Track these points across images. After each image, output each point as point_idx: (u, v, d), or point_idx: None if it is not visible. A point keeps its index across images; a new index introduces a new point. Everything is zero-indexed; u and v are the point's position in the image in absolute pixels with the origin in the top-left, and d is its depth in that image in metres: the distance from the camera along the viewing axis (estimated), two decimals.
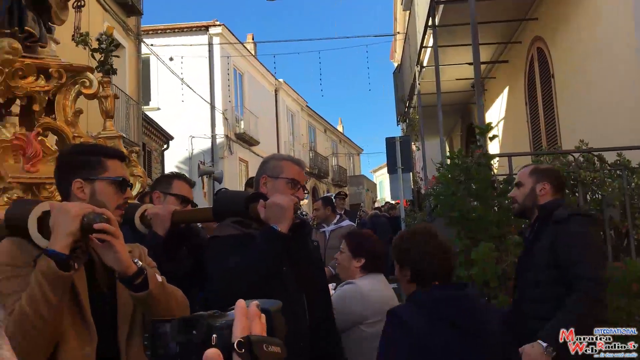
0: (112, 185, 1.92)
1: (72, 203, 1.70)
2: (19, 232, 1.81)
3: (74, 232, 1.61)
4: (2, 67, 2.77)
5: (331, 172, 35.31)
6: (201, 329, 0.87)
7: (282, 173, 2.45)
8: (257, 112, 24.31)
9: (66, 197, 1.90)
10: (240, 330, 0.85)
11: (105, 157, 1.96)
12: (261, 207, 2.25)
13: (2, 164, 2.71)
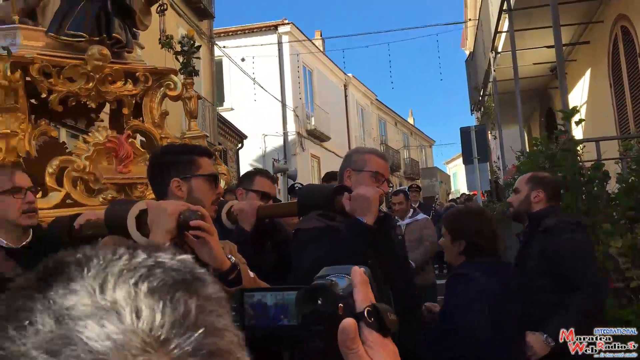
0: (207, 182, 1.99)
1: (168, 201, 1.75)
2: (118, 230, 1.89)
3: (171, 229, 1.66)
4: (92, 73, 2.91)
5: (403, 166, 34.93)
6: (328, 298, 0.83)
7: (366, 166, 2.44)
8: (327, 107, 24.39)
9: (163, 196, 1.97)
10: (363, 299, 0.81)
11: (197, 155, 2.03)
12: (346, 199, 2.24)
13: (97, 166, 2.85)
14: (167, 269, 0.46)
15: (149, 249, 0.48)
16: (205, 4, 14.78)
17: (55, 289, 0.43)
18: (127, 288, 0.43)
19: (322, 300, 0.83)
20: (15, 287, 0.46)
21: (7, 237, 2.26)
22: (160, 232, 1.67)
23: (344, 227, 2.19)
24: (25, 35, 2.88)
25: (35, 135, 2.80)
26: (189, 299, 0.44)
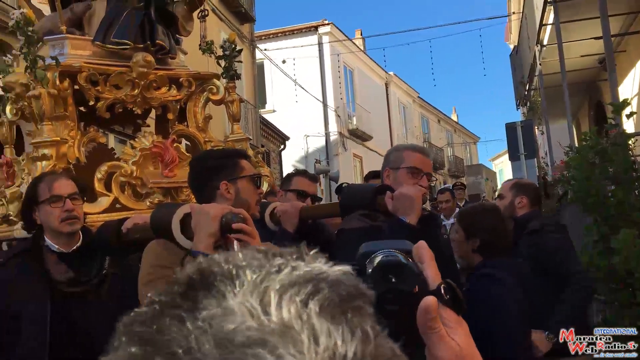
0: (251, 183, 2.05)
1: (211, 205, 1.79)
2: (164, 234, 1.93)
3: (214, 232, 1.69)
4: (138, 80, 2.98)
5: (447, 163, 34.49)
6: (404, 275, 0.78)
7: (402, 162, 2.40)
8: (369, 107, 24.30)
9: (208, 200, 2.01)
10: (435, 275, 0.77)
11: (239, 158, 2.08)
12: (388, 198, 2.22)
13: (144, 170, 2.91)
14: (332, 283, 0.39)
15: (301, 255, 0.42)
16: (246, 8, 14.96)
17: (205, 306, 0.37)
18: (295, 307, 0.37)
19: (397, 278, 0.78)
20: (157, 304, 0.40)
21: (57, 242, 2.34)
22: (203, 235, 1.71)
23: (387, 227, 2.17)
24: (72, 44, 2.96)
25: (84, 142, 2.88)
26: (361, 320, 0.38)
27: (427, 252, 0.80)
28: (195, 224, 1.75)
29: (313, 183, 3.30)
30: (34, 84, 2.71)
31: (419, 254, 0.80)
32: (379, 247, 0.90)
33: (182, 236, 1.86)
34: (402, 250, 0.90)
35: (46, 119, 2.70)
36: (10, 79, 2.87)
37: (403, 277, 0.78)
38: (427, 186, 2.37)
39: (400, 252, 0.88)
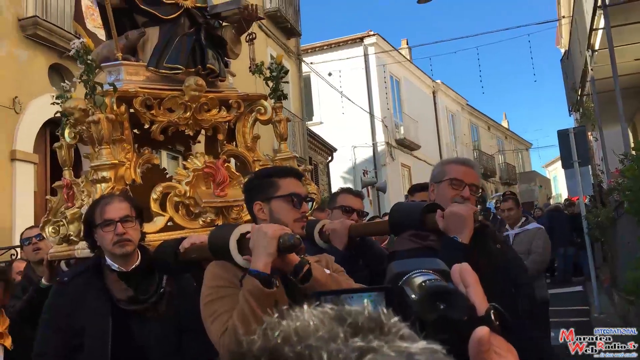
0: (286, 202, 2.05)
1: (268, 225, 1.82)
2: (221, 254, 1.99)
3: (272, 252, 1.73)
4: (190, 103, 3.08)
5: (498, 171, 33.80)
6: (453, 302, 0.74)
7: (444, 176, 2.40)
8: (416, 116, 24.14)
9: (254, 219, 2.07)
10: (482, 300, 0.74)
11: (277, 177, 2.11)
12: (439, 217, 2.21)
13: (196, 190, 2.99)
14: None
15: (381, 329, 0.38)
16: (292, 23, 15.15)
17: None
18: None
19: (446, 305, 0.75)
20: None
21: (116, 262, 2.43)
22: (261, 254, 1.74)
23: (440, 247, 2.16)
24: (127, 70, 3.09)
25: (140, 163, 2.99)
26: None
27: (471, 275, 0.78)
28: (254, 243, 1.78)
29: (358, 198, 3.32)
30: (93, 109, 2.83)
31: (463, 278, 0.77)
32: (412, 267, 0.88)
33: (239, 256, 1.91)
34: (435, 270, 0.88)
35: (104, 142, 2.82)
36: (70, 105, 3.00)
37: (452, 305, 0.75)
38: (469, 197, 2.35)
39: (435, 272, 0.86)
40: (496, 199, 20.63)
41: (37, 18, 7.43)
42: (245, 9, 3.28)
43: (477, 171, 2.52)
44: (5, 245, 6.60)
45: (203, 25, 3.27)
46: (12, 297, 3.33)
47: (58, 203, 3.06)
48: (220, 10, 3.35)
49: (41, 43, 7.60)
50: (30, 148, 7.36)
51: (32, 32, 7.43)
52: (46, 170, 7.83)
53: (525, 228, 5.53)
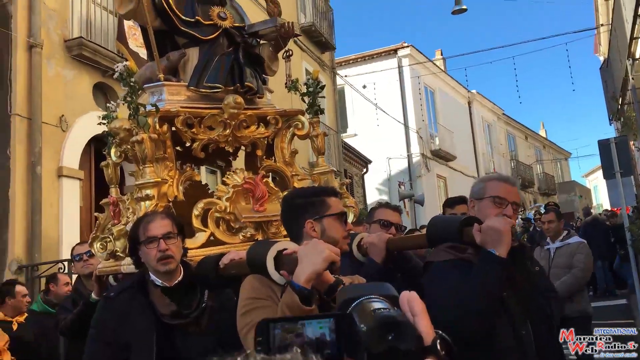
0: (337, 220, 2.10)
1: (325, 244, 1.80)
2: (259, 270, 2.03)
3: (319, 271, 1.73)
4: (229, 120, 3.15)
5: (537, 181, 33.18)
6: (402, 333, 0.74)
7: (486, 193, 2.39)
8: (451, 126, 23.95)
9: (297, 238, 2.10)
10: (428, 329, 0.73)
11: (326, 196, 2.16)
12: (476, 231, 2.21)
13: (236, 206, 3.06)
14: None
15: None
16: (327, 37, 15.27)
17: None
18: None
19: (396, 336, 0.75)
20: None
21: (160, 278, 2.50)
22: (309, 271, 1.73)
23: (477, 261, 2.17)
24: (169, 90, 3.18)
25: (182, 180, 3.08)
26: None
27: (418, 303, 0.77)
28: (303, 256, 1.78)
29: (396, 213, 3.34)
30: (137, 129, 2.93)
31: (410, 306, 0.77)
32: (363, 292, 0.88)
33: (276, 272, 1.95)
34: (386, 296, 0.87)
35: (148, 161, 2.91)
36: (115, 125, 3.11)
37: (401, 335, 0.75)
38: (511, 215, 2.34)
39: (385, 298, 0.85)
40: (535, 209, 20.23)
41: (82, 39, 7.70)
42: (282, 27, 3.36)
43: (518, 188, 2.52)
44: (53, 258, 6.82)
45: (241, 44, 3.36)
46: (63, 311, 3.45)
47: (105, 220, 3.17)
48: (257, 29, 3.43)
49: (86, 63, 7.87)
50: (76, 164, 7.60)
51: (78, 52, 7.71)
52: (91, 186, 8.08)
53: (566, 242, 5.42)
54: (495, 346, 2.14)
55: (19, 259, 6.74)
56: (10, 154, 6.92)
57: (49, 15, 7.56)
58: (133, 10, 3.14)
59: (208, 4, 3.34)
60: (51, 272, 5.92)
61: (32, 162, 7.01)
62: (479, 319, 2.09)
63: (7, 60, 7.12)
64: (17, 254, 6.75)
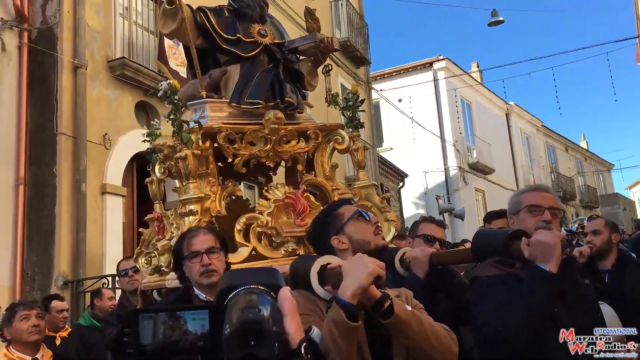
0: (356, 221, 2.09)
1: (370, 259, 1.77)
2: (302, 285, 2.02)
3: (365, 286, 1.68)
4: (270, 135, 3.18)
5: (578, 194, 32.37)
6: (263, 339, 0.70)
7: (521, 205, 2.35)
8: (489, 139, 23.63)
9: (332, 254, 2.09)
10: (296, 330, 0.71)
11: (335, 210, 2.17)
12: (524, 245, 2.16)
13: (278, 220, 3.07)
14: None
15: None
16: (362, 51, 15.32)
17: None
18: None
19: (256, 342, 0.72)
20: None
21: (205, 292, 2.52)
22: (354, 286, 1.69)
23: (526, 276, 2.11)
24: (211, 107, 3.24)
25: (224, 196, 3.11)
26: None
27: (289, 303, 0.73)
28: (348, 271, 1.74)
29: (440, 228, 3.29)
30: (180, 146, 2.98)
31: (280, 305, 0.74)
32: (243, 280, 0.83)
33: (320, 287, 1.93)
34: (268, 285, 0.83)
35: (191, 177, 2.96)
36: (159, 142, 3.18)
37: (262, 343, 0.72)
38: (550, 220, 2.29)
39: (266, 287, 0.81)
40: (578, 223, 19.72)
41: (125, 59, 7.91)
42: (322, 42, 3.38)
43: (553, 194, 2.46)
44: (97, 273, 6.96)
45: (281, 60, 3.40)
46: (108, 325, 3.51)
47: (150, 235, 3.22)
48: (297, 45, 3.47)
49: (128, 82, 8.07)
50: (119, 181, 7.78)
51: (120, 72, 7.92)
52: (133, 202, 8.24)
53: None
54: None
55: (64, 274, 6.91)
56: (56, 171, 7.13)
57: (93, 37, 7.79)
58: (176, 30, 3.22)
59: (249, 22, 3.39)
60: (95, 287, 6.04)
61: (77, 180, 7.20)
62: (528, 337, 2.03)
63: (54, 81, 7.36)
64: (63, 269, 6.92)
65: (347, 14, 14.96)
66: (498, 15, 15.51)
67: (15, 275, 6.87)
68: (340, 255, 2.05)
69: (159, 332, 0.84)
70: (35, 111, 7.38)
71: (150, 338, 0.84)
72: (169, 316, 0.84)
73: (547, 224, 2.27)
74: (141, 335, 0.85)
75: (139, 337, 0.85)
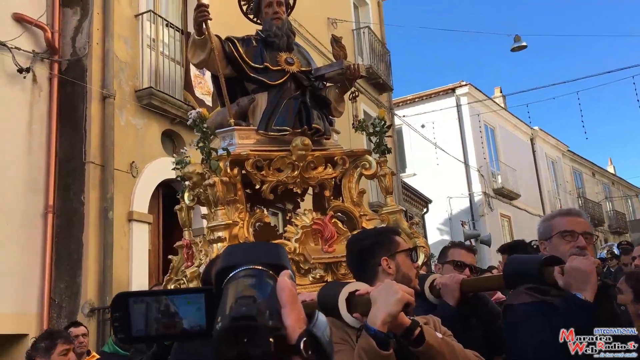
0: (409, 257, 2.09)
1: (399, 285, 1.74)
2: (330, 312, 2.00)
3: (394, 313, 1.65)
4: (297, 162, 3.20)
5: (607, 219, 31.74)
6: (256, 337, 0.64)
7: (552, 230, 2.30)
8: (514, 164, 23.40)
9: (371, 277, 2.06)
10: (295, 322, 0.65)
11: (393, 234, 2.16)
12: (558, 272, 2.11)
13: (305, 247, 3.07)
14: None
15: None
16: (384, 78, 15.39)
17: None
18: None
19: (249, 340, 0.65)
20: None
21: None
22: (384, 313, 1.66)
23: (561, 304, 2.06)
24: (239, 135, 3.27)
25: (252, 222, 3.12)
26: None
27: (288, 292, 0.66)
28: (377, 298, 1.71)
29: (470, 253, 3.24)
30: (209, 173, 3.01)
31: (279, 295, 0.67)
32: (242, 259, 0.77)
33: (349, 314, 1.90)
34: (269, 265, 0.76)
35: (220, 204, 2.98)
36: (189, 170, 3.21)
37: (256, 340, 0.65)
38: (585, 246, 2.24)
39: (269, 267, 0.75)
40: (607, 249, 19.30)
41: (152, 89, 8.06)
42: (348, 69, 3.41)
43: (585, 218, 2.41)
44: None
45: (308, 87, 3.43)
46: (138, 353, 3.50)
47: (179, 262, 3.23)
48: (324, 72, 3.50)
49: (155, 111, 8.21)
50: (145, 209, 7.86)
51: (148, 101, 8.06)
52: (159, 229, 8.30)
53: None
54: None
55: (91, 302, 6.95)
56: (84, 199, 7.23)
57: (121, 67, 7.96)
58: (205, 59, 3.28)
59: (276, 51, 3.44)
60: None
61: (104, 208, 7.28)
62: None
63: (83, 110, 7.51)
64: (90, 296, 6.97)
65: (369, 41, 15.09)
66: (521, 40, 15.50)
67: (43, 302, 6.93)
68: (380, 278, 2.03)
69: (152, 317, 0.80)
70: (64, 140, 7.53)
71: (142, 323, 0.80)
72: (160, 300, 0.80)
73: (581, 250, 2.22)
74: (132, 320, 0.80)
75: (130, 322, 0.80)
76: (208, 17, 3.20)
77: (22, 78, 7.16)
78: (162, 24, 8.74)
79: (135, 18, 8.36)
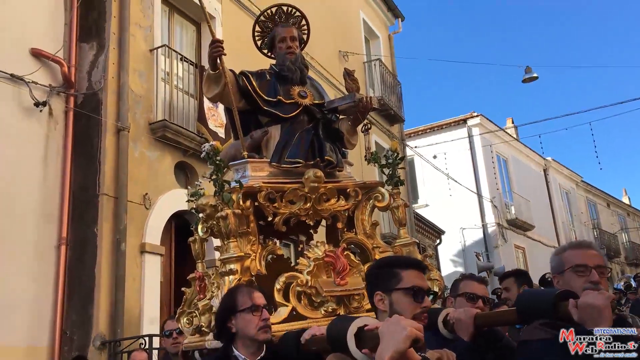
0: (408, 295, 2.01)
1: (408, 321, 1.74)
2: (339, 347, 1.97)
3: (402, 351, 1.61)
4: (309, 194, 3.20)
5: (623, 250, 31.29)
6: None
7: (564, 264, 2.27)
8: (527, 195, 23.25)
9: (375, 309, 2.06)
10: None
11: (399, 267, 2.08)
12: (572, 307, 2.08)
13: (317, 279, 3.04)
14: None
15: None
16: (396, 110, 15.49)
17: None
18: None
19: None
20: None
21: (245, 352, 2.49)
22: (390, 349, 1.67)
23: None
24: (252, 167, 3.28)
25: (265, 255, 3.11)
26: None
27: None
28: (384, 333, 1.68)
29: (482, 285, 3.21)
30: (222, 205, 3.02)
31: None
32: None
33: (358, 350, 1.87)
34: None
35: (232, 236, 2.97)
36: (202, 202, 3.22)
37: None
38: (598, 281, 2.20)
39: None
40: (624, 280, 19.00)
41: (166, 121, 8.15)
42: (361, 101, 3.43)
43: (598, 250, 2.37)
44: (135, 333, 6.95)
45: (321, 120, 3.46)
46: None
47: (192, 294, 3.22)
48: (336, 105, 3.52)
49: (168, 144, 8.29)
50: (158, 240, 7.87)
51: (161, 134, 8.15)
52: (170, 261, 8.30)
53: None
54: None
55: (102, 335, 6.91)
56: (97, 231, 7.26)
57: (136, 100, 8.08)
58: (219, 93, 3.32)
59: (289, 84, 3.48)
60: (133, 347, 6.02)
61: (117, 239, 7.30)
62: None
63: (97, 143, 7.61)
64: (101, 329, 6.94)
65: (380, 73, 15.23)
66: (532, 71, 15.57)
67: (55, 335, 6.90)
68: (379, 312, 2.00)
69: None
70: (78, 172, 7.61)
71: None
72: None
73: (595, 284, 2.19)
74: None
75: None
76: (222, 52, 3.26)
77: (38, 111, 7.29)
78: (177, 58, 8.89)
79: (150, 52, 8.52)
